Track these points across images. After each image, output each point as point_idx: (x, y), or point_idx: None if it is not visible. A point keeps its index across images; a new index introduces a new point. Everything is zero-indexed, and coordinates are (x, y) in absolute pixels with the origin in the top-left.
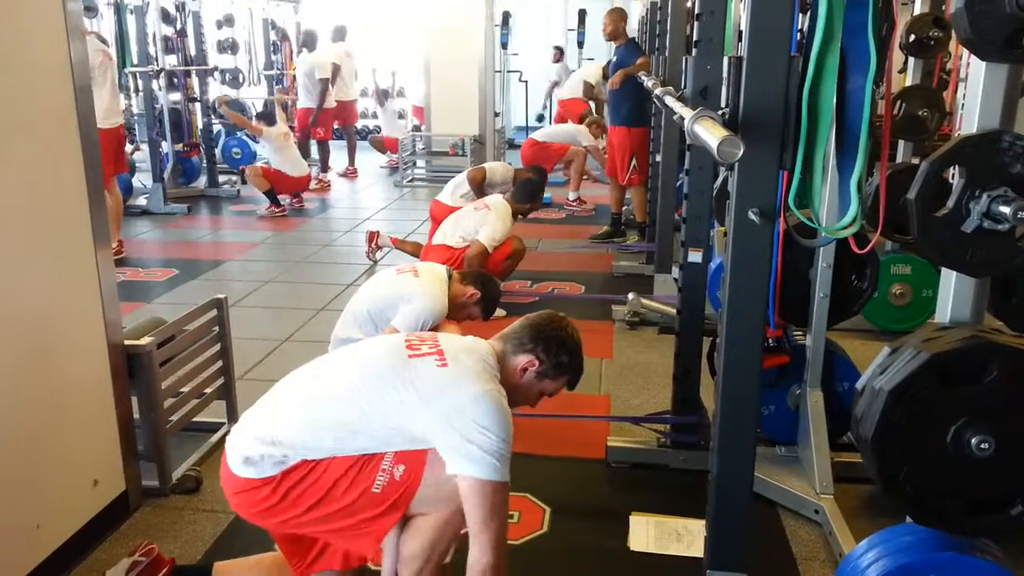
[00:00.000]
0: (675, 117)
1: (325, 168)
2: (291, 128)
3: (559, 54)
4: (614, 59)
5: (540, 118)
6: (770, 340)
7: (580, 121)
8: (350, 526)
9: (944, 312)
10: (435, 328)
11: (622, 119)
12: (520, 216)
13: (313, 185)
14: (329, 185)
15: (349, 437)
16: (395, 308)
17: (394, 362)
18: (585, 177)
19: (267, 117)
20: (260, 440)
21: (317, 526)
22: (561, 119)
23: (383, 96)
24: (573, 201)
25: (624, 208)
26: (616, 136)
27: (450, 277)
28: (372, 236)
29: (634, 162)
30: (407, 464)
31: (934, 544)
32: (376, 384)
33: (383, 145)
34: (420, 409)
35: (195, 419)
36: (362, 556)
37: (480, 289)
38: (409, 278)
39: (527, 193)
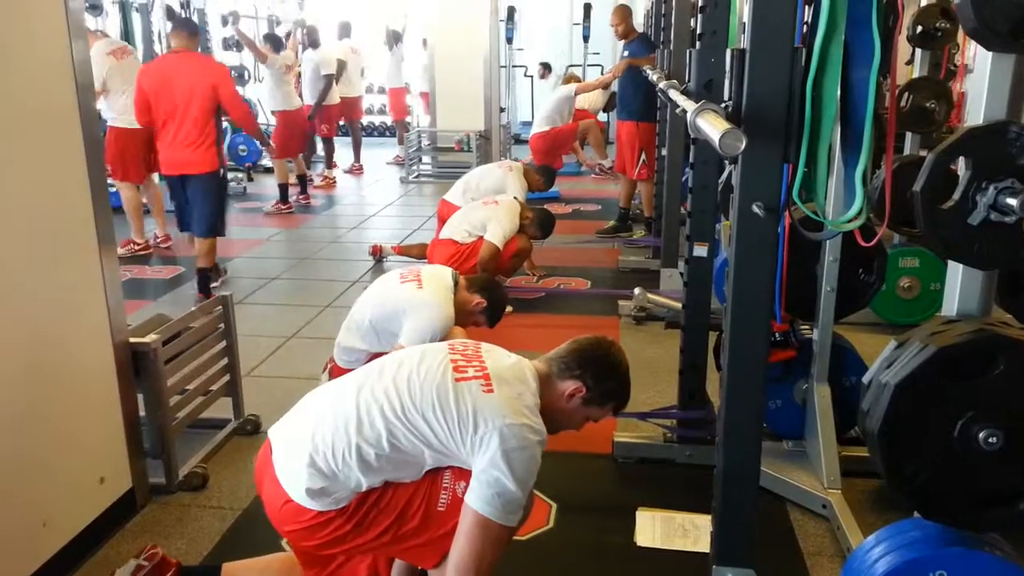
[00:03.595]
0: (678, 111)
1: (330, 164)
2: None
3: (544, 70)
4: (626, 54)
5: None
6: (777, 334)
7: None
8: (418, 545)
9: (951, 305)
10: (445, 337)
11: (630, 114)
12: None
13: (318, 182)
14: (335, 181)
15: (406, 463)
16: (398, 321)
17: (441, 388)
18: (586, 171)
19: (274, 42)
20: (319, 471)
21: (385, 548)
22: (539, 152)
23: (393, 39)
24: (608, 169)
25: (633, 203)
26: (625, 131)
27: (456, 283)
28: (376, 250)
29: (643, 156)
30: (467, 480)
31: (942, 539)
32: (424, 410)
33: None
34: (462, 434)
35: (201, 416)
36: (390, 566)
37: (486, 298)
38: (412, 288)
39: (543, 229)
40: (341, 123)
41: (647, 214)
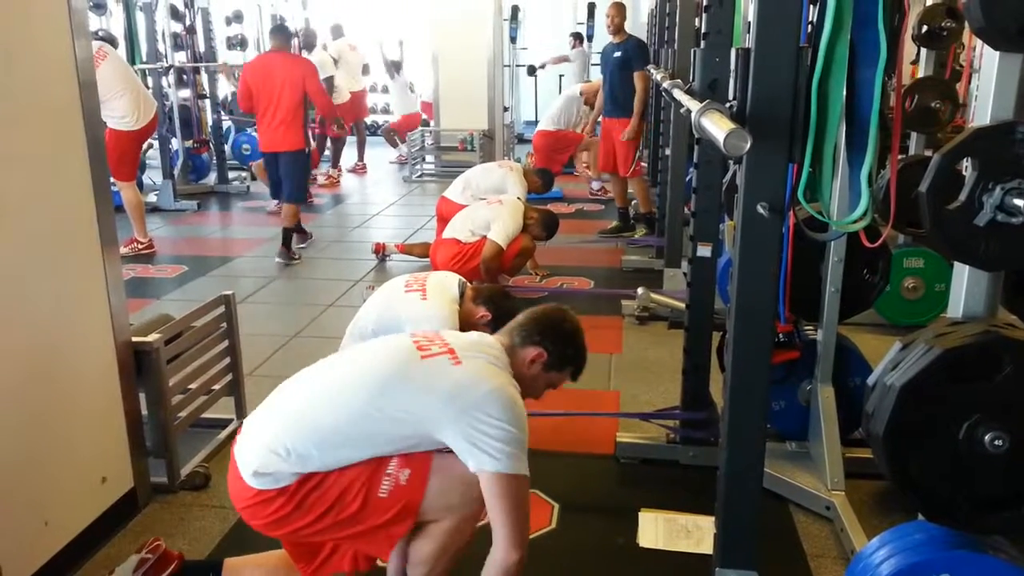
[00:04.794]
0: (683, 110)
1: (336, 164)
2: None
3: (576, 41)
4: (618, 55)
5: (532, 70)
6: (780, 335)
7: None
8: (360, 532)
9: (957, 307)
10: None
11: (622, 110)
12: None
13: (322, 180)
14: (339, 180)
15: (362, 442)
16: (400, 332)
17: (407, 365)
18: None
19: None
20: (271, 451)
21: (329, 533)
22: (540, 150)
23: (393, 68)
24: (598, 190)
25: (631, 202)
26: (616, 128)
27: (462, 294)
28: (379, 248)
29: (639, 154)
30: (412, 469)
31: (946, 542)
32: (389, 387)
33: (394, 135)
34: (437, 409)
35: (203, 415)
36: (371, 558)
37: (492, 310)
38: (416, 300)
39: (547, 230)
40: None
41: (643, 210)
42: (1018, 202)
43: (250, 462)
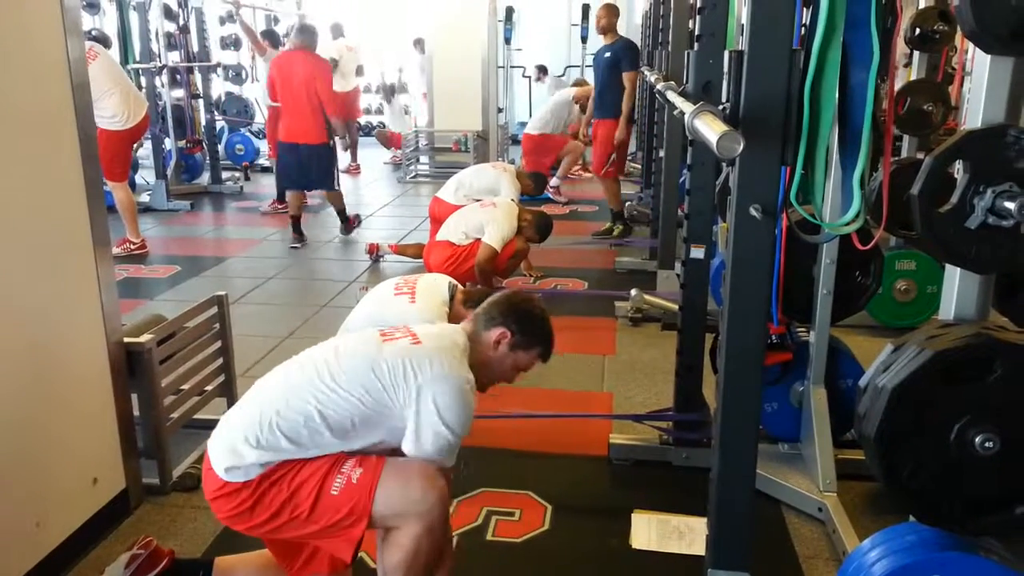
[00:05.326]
0: (676, 112)
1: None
2: None
3: (541, 74)
4: (607, 55)
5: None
6: (773, 337)
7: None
8: (317, 532)
9: (948, 309)
10: None
11: (607, 111)
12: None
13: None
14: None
15: (329, 431)
16: None
17: (369, 350)
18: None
19: (272, 37)
20: (243, 441)
21: (288, 531)
22: (525, 153)
23: (390, 92)
24: (553, 187)
25: (627, 204)
26: (601, 129)
27: (452, 297)
28: (372, 248)
29: (613, 156)
30: (365, 468)
31: (938, 543)
32: (352, 370)
33: (389, 140)
34: (395, 388)
35: (196, 416)
36: (345, 562)
37: None
38: (404, 303)
39: (541, 232)
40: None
41: (612, 207)
42: (1009, 205)
43: (221, 453)
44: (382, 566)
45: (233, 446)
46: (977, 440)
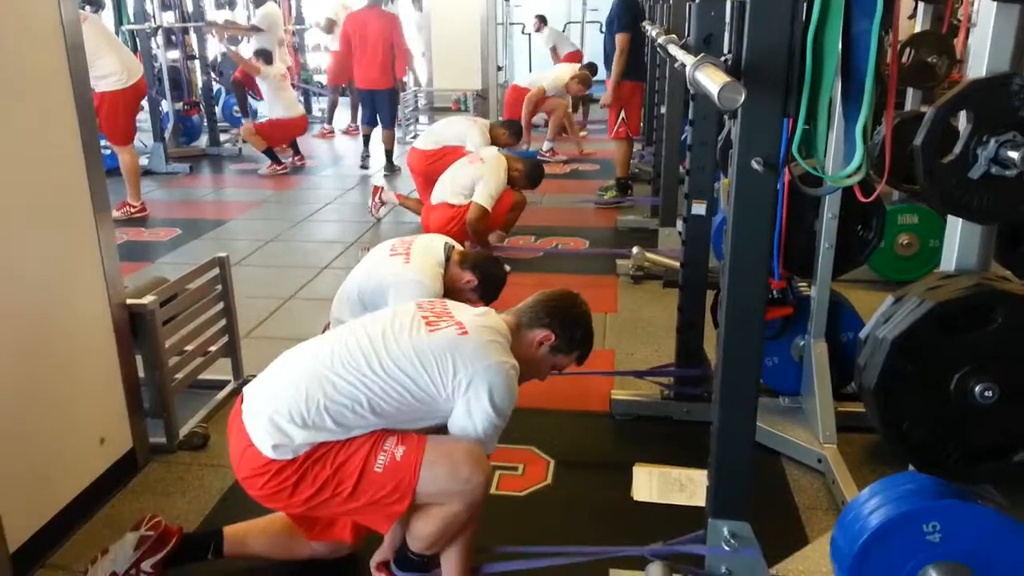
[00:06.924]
0: (677, 65)
1: (330, 120)
2: (288, 69)
3: (540, 23)
4: (609, 15)
5: None
6: (774, 291)
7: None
8: (358, 508)
9: (950, 260)
10: None
11: (609, 72)
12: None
13: (314, 133)
14: (332, 133)
15: (369, 417)
16: (383, 296)
17: (416, 339)
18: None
19: (265, 55)
20: (288, 420)
21: (329, 507)
22: (508, 104)
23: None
24: (547, 151)
25: (633, 160)
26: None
27: (448, 258)
28: (376, 190)
29: (622, 115)
30: (407, 446)
31: (935, 491)
32: (400, 362)
33: None
34: (443, 380)
35: (201, 377)
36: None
37: (478, 276)
38: (399, 264)
39: (532, 180)
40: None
41: (619, 175)
42: (1012, 154)
43: (265, 431)
44: (411, 533)
45: (278, 424)
46: (977, 390)
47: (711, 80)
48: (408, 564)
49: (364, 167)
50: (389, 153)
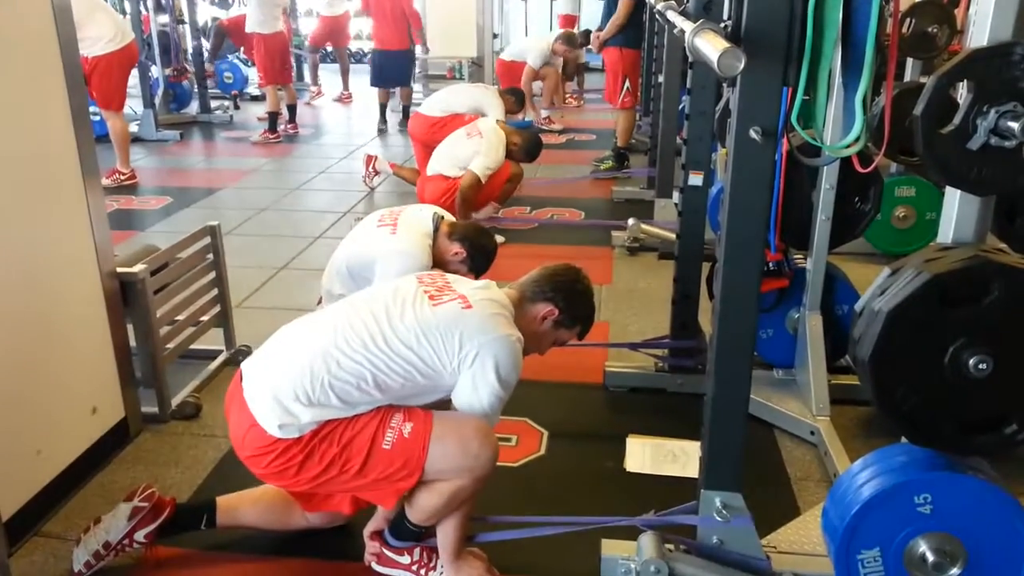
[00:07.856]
0: (676, 31)
1: (315, 81)
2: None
3: None
4: None
5: None
6: (770, 263)
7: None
8: (366, 485)
9: (947, 232)
10: None
11: (614, 40)
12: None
13: (304, 100)
14: (320, 92)
15: (375, 393)
16: (371, 268)
17: (419, 313)
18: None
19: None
20: (294, 399)
21: (337, 485)
22: (503, 75)
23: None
24: (544, 119)
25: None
26: (608, 57)
27: (437, 229)
28: (369, 160)
29: (627, 84)
30: (414, 422)
31: (928, 463)
32: (405, 338)
33: None
34: (448, 354)
35: (193, 347)
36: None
37: (467, 248)
38: (386, 235)
39: (530, 153)
40: (329, 48)
41: (620, 144)
42: (1012, 124)
43: (270, 410)
44: (413, 505)
45: (283, 403)
46: (971, 362)
47: (711, 46)
48: (404, 533)
49: (383, 127)
50: (407, 109)
